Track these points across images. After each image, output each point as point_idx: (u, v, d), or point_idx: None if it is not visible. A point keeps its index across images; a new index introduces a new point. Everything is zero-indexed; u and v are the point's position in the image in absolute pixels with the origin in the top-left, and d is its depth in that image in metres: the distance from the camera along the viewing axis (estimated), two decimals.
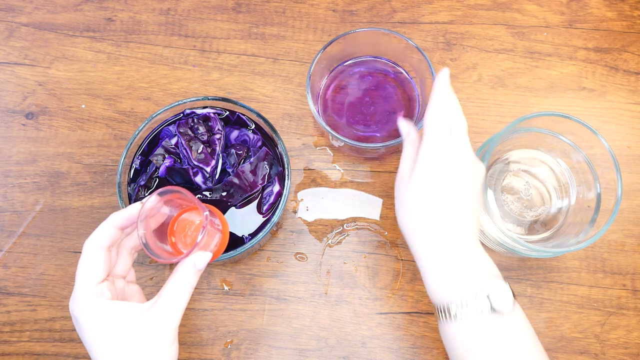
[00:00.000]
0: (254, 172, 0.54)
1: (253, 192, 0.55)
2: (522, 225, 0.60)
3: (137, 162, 0.56)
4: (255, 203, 0.55)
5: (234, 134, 0.57)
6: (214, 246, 0.45)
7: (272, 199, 0.55)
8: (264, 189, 0.56)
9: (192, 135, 0.55)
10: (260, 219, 0.55)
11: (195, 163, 0.54)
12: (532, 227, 0.60)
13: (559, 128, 0.56)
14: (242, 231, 0.55)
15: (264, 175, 0.54)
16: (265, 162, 0.54)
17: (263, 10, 0.68)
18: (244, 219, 0.55)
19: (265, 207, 0.55)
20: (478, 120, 0.63)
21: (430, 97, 0.47)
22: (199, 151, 0.54)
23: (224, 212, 0.55)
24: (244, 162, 0.55)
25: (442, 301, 0.44)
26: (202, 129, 0.55)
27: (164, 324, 0.41)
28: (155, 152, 0.55)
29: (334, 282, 0.58)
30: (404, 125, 0.51)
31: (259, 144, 0.57)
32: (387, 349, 0.56)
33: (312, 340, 0.57)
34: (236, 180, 0.53)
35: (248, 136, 0.57)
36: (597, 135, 0.52)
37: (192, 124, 0.56)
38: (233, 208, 0.55)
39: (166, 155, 0.55)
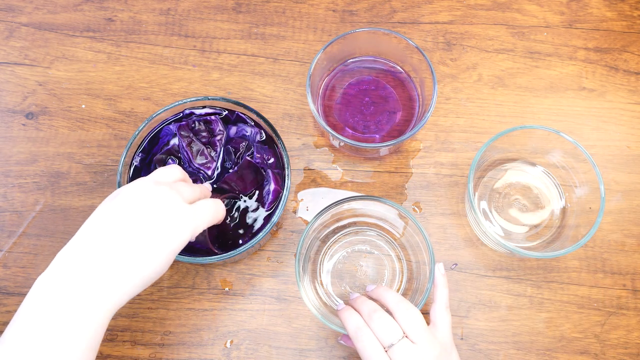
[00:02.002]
0: (240, 179, 0.54)
1: (245, 195, 0.55)
2: (521, 229, 0.60)
3: (138, 159, 0.56)
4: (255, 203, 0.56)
5: (233, 129, 0.57)
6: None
7: (270, 197, 0.55)
8: (262, 187, 0.56)
9: (194, 138, 0.55)
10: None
11: (197, 166, 0.54)
12: (531, 231, 0.60)
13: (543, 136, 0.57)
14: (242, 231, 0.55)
15: (251, 181, 0.55)
16: (249, 171, 0.54)
17: (263, 10, 0.68)
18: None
19: (266, 205, 0.55)
20: (478, 120, 0.63)
21: (435, 292, 0.51)
22: (200, 153, 0.54)
23: None
24: (242, 157, 0.55)
25: None
26: (203, 132, 0.56)
27: (195, 220, 0.44)
28: (159, 155, 0.55)
29: (335, 281, 0.58)
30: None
31: (258, 137, 0.56)
32: None
33: (312, 340, 0.57)
34: (225, 187, 0.54)
35: (246, 130, 0.57)
36: (563, 136, 0.52)
37: (193, 126, 0.56)
38: None
39: (169, 158, 0.55)
